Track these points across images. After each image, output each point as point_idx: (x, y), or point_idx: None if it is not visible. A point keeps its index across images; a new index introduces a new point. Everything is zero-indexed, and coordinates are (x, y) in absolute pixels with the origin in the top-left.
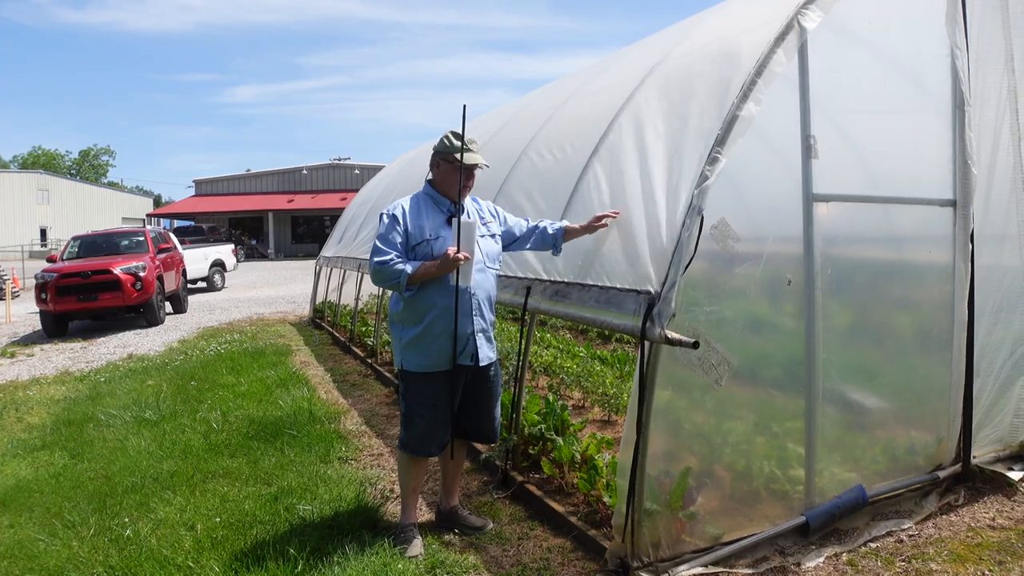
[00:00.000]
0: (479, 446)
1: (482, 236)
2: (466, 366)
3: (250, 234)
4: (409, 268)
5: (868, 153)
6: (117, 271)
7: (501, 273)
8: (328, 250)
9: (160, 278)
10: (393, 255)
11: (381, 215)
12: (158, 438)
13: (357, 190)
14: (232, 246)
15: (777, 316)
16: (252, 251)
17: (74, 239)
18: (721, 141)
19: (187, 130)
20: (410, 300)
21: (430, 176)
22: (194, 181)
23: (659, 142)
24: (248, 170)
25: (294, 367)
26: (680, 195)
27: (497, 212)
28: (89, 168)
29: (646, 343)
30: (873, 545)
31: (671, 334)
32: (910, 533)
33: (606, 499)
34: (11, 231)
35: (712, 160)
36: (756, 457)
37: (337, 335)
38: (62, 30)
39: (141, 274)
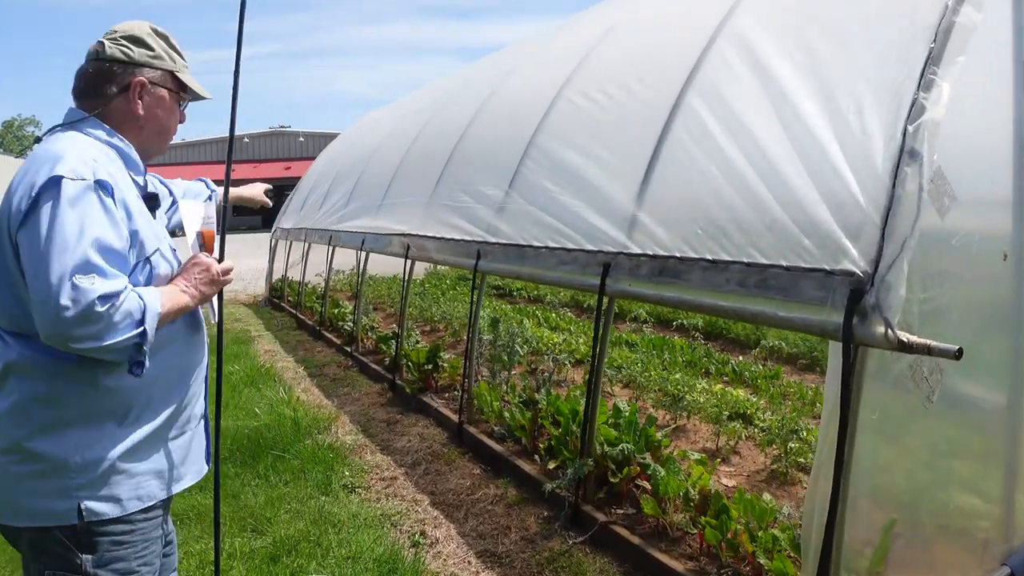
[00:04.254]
0: (529, 469)
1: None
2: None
3: None
4: (157, 304)
5: None
6: None
7: (555, 245)
8: (286, 221)
9: None
10: (124, 281)
11: (61, 181)
12: None
13: (303, 159)
14: None
15: (987, 305)
16: None
17: None
18: (936, 59)
19: None
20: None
21: (99, 109)
22: None
23: (797, 70)
24: (183, 139)
25: (260, 359)
26: (873, 137)
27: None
28: (13, 140)
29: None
30: None
31: (909, 337)
32: None
33: (762, 560)
34: None
35: (927, 85)
36: (947, 492)
37: (303, 317)
38: None
39: None
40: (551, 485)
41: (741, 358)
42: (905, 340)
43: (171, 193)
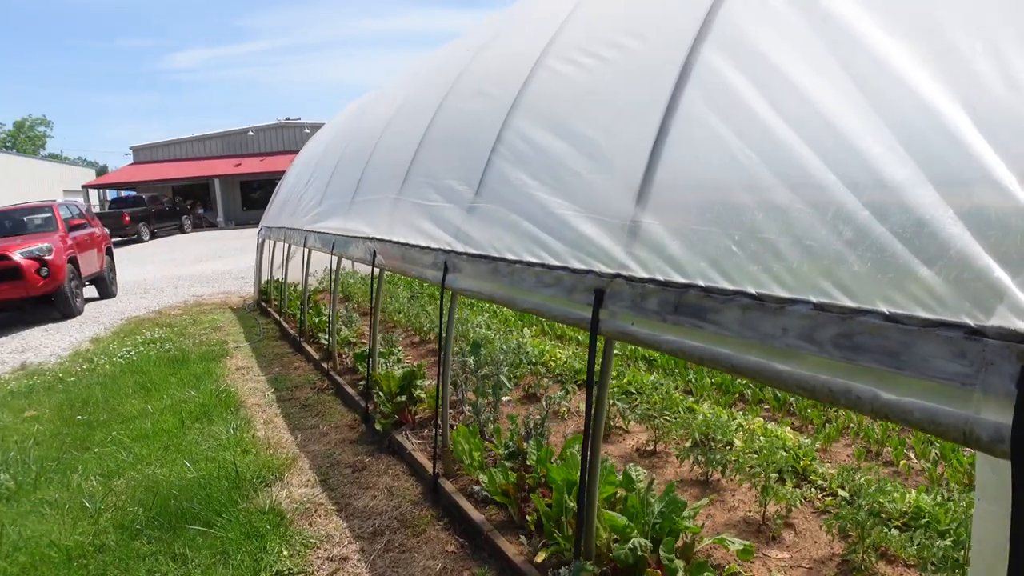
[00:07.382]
0: (514, 554)
1: None
2: None
3: (198, 202)
4: None
5: None
6: (16, 256)
7: (533, 260)
8: (269, 219)
9: (73, 260)
10: None
11: None
12: None
13: None
14: None
15: None
16: (200, 220)
17: None
18: None
19: (131, 99)
20: None
21: None
22: (131, 148)
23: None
24: (192, 135)
25: (226, 379)
26: None
27: None
28: (25, 140)
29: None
30: None
31: None
32: None
33: None
34: None
35: None
36: None
37: (286, 325)
38: None
39: (47, 258)
40: None
41: None
42: None
43: None
